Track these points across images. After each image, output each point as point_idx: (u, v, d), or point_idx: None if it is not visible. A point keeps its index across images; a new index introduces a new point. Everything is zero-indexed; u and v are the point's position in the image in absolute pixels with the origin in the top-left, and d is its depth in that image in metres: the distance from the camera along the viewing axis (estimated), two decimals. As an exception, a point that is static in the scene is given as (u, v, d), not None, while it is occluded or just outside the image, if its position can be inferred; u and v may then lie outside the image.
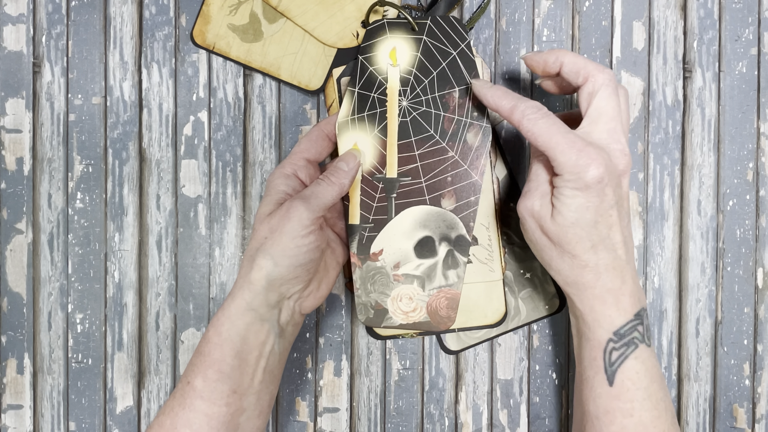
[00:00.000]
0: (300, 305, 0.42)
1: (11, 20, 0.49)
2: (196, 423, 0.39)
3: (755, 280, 0.48)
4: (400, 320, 0.44)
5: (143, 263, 0.49)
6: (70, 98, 0.49)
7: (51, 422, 0.49)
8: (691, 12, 0.48)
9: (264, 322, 0.40)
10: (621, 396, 0.38)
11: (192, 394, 0.40)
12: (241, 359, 0.40)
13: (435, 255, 0.43)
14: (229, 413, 0.39)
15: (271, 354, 0.41)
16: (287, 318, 0.41)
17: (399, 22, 0.43)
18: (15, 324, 0.49)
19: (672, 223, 0.48)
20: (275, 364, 0.42)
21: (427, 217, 0.43)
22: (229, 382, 0.39)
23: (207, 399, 0.39)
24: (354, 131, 0.43)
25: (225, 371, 0.39)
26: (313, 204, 0.40)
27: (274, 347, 0.41)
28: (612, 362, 0.38)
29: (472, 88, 0.42)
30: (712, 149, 0.48)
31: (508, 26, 0.48)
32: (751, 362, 0.48)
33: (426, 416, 0.49)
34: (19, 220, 0.49)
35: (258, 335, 0.40)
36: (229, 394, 0.39)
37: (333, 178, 0.41)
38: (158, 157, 0.49)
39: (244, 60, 0.48)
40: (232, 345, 0.40)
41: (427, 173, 0.43)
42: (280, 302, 0.41)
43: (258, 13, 0.47)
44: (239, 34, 0.47)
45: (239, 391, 0.40)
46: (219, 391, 0.39)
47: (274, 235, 0.40)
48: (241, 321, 0.40)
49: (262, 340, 0.40)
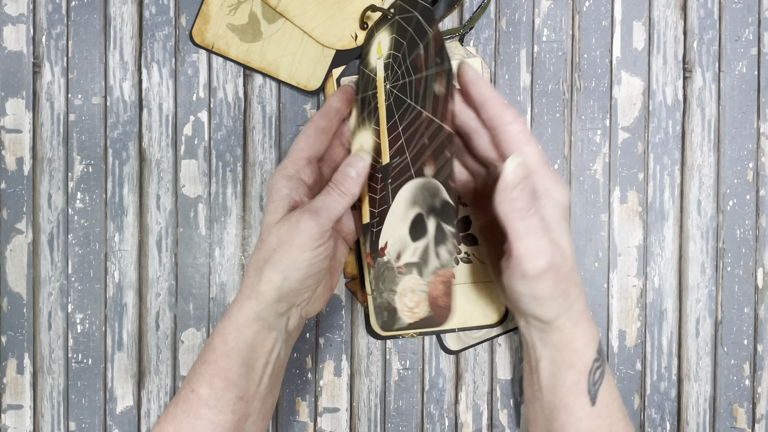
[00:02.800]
0: (306, 311, 0.42)
1: (11, 20, 0.49)
2: (201, 431, 0.39)
3: (755, 280, 0.48)
4: (407, 320, 0.43)
5: (143, 263, 0.49)
6: (70, 98, 0.49)
7: (51, 422, 0.49)
8: (691, 12, 0.48)
9: (272, 330, 0.40)
10: (601, 412, 0.40)
11: (197, 402, 0.39)
12: (249, 367, 0.39)
13: (426, 233, 0.42)
14: (235, 420, 0.39)
15: (277, 359, 0.41)
16: (294, 324, 0.41)
17: (384, 19, 0.43)
18: (15, 324, 0.49)
19: (672, 223, 0.48)
20: (280, 368, 0.42)
21: (414, 192, 0.41)
22: (236, 390, 0.39)
23: (213, 407, 0.39)
24: (360, 133, 0.43)
25: (232, 379, 0.39)
26: (324, 217, 0.39)
27: (280, 353, 0.41)
28: (595, 381, 0.39)
29: (461, 78, 0.40)
30: (712, 149, 0.48)
31: (508, 26, 0.48)
32: (751, 362, 0.48)
33: (426, 416, 0.49)
34: (19, 220, 0.49)
35: (265, 343, 0.40)
36: (236, 402, 0.39)
37: (342, 187, 0.40)
38: (158, 157, 0.49)
39: (243, 60, 0.48)
40: (239, 353, 0.39)
41: (409, 145, 0.41)
42: (289, 310, 0.40)
43: (257, 13, 0.47)
44: (238, 33, 0.47)
45: (245, 397, 0.39)
46: (225, 399, 0.39)
47: (284, 247, 0.38)
48: (249, 330, 0.39)
49: (270, 348, 0.40)
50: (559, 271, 0.37)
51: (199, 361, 0.40)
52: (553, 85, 0.48)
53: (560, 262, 0.37)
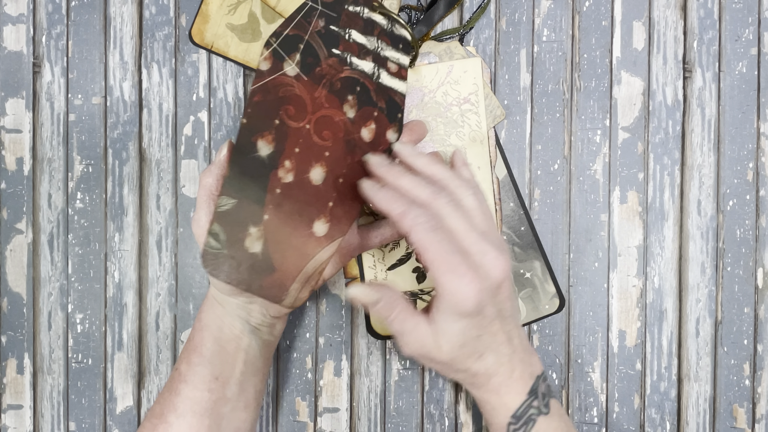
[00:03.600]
0: (267, 310, 0.41)
1: (11, 20, 0.49)
2: (181, 407, 0.40)
3: (755, 280, 0.48)
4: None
5: (143, 263, 0.49)
6: (70, 98, 0.49)
7: (51, 422, 0.49)
8: (691, 12, 0.48)
9: (234, 318, 0.41)
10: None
11: (178, 379, 0.40)
12: (220, 346, 0.40)
13: None
14: (211, 400, 0.40)
15: (250, 348, 0.41)
16: (258, 320, 0.41)
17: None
18: (15, 324, 0.49)
19: (672, 223, 0.48)
20: (256, 358, 0.42)
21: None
22: (210, 368, 0.40)
23: (190, 383, 0.40)
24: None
25: (206, 356, 0.40)
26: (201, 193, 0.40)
27: (251, 342, 0.41)
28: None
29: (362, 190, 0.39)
30: (712, 149, 0.48)
31: (508, 26, 0.48)
32: (751, 362, 0.48)
33: (426, 416, 0.49)
34: (19, 220, 0.49)
35: (232, 329, 0.41)
36: (211, 380, 0.40)
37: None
38: (158, 157, 0.49)
39: (242, 59, 0.48)
40: (210, 331, 0.41)
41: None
42: (246, 306, 0.41)
43: (257, 13, 0.47)
44: (238, 33, 0.47)
45: (221, 378, 0.40)
46: (201, 375, 0.40)
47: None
48: (214, 312, 0.41)
49: (237, 334, 0.41)
50: (489, 292, 0.37)
51: (186, 340, 0.42)
52: (553, 85, 0.48)
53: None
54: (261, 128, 0.39)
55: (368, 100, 0.42)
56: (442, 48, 0.47)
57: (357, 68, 0.42)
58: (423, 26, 0.47)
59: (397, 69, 0.43)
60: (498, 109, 0.48)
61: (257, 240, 0.38)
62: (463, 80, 0.47)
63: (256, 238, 0.38)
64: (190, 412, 0.39)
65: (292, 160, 0.39)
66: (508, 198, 0.48)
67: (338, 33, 0.41)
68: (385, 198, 0.37)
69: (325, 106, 0.40)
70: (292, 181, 0.39)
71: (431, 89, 0.47)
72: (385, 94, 0.42)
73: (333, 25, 0.41)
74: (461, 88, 0.47)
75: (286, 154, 0.39)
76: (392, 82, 0.43)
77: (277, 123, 0.39)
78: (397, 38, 0.43)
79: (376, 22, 0.42)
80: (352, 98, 0.41)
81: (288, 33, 0.40)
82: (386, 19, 0.43)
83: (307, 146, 0.40)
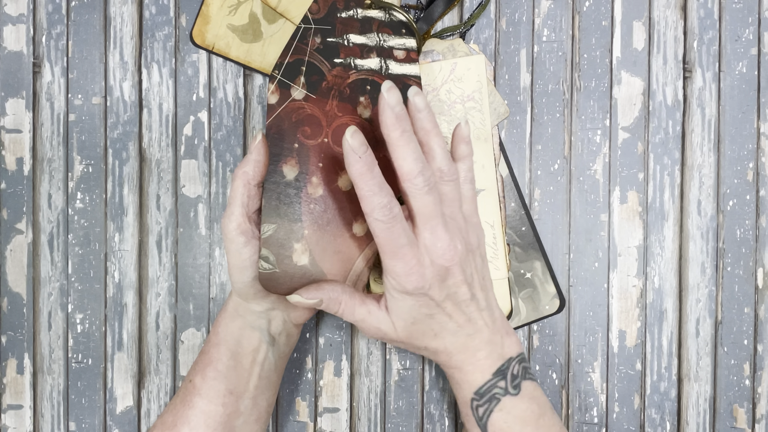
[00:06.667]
0: (290, 316, 0.42)
1: (11, 20, 0.49)
2: (194, 420, 0.40)
3: (755, 280, 0.48)
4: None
5: (143, 263, 0.49)
6: (70, 98, 0.49)
7: (51, 422, 0.49)
8: (691, 12, 0.48)
9: (254, 329, 0.41)
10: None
11: (192, 392, 0.40)
12: (237, 361, 0.40)
13: None
14: (225, 414, 0.40)
15: (266, 361, 0.41)
16: (279, 328, 0.42)
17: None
18: (15, 324, 0.49)
19: (672, 223, 0.48)
20: (271, 371, 0.42)
21: None
22: (225, 382, 0.40)
23: (204, 396, 0.40)
24: None
25: (221, 370, 0.40)
26: (229, 212, 0.40)
27: (267, 355, 0.41)
28: (480, 416, 0.40)
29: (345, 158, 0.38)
30: (712, 149, 0.48)
31: (508, 26, 0.48)
32: (751, 362, 0.48)
33: (426, 416, 0.49)
34: (19, 220, 0.49)
35: (250, 341, 0.41)
36: (225, 394, 0.40)
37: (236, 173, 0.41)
38: (158, 157, 0.49)
39: (244, 60, 0.48)
40: (227, 345, 0.41)
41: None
42: (268, 312, 0.41)
43: (257, 14, 0.47)
44: (239, 34, 0.47)
45: (235, 392, 0.40)
46: (216, 389, 0.40)
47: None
48: (234, 324, 0.41)
49: (255, 347, 0.41)
50: (434, 278, 0.38)
51: (199, 353, 0.42)
52: (553, 85, 0.48)
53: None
54: (283, 155, 0.40)
55: None
56: (445, 45, 0.47)
57: (363, 68, 0.42)
58: (423, 24, 0.47)
59: (405, 54, 0.43)
60: (502, 107, 0.47)
61: (303, 254, 0.40)
62: (467, 78, 0.47)
63: (301, 252, 0.40)
64: (204, 425, 0.40)
65: (318, 174, 0.41)
66: (510, 198, 0.48)
67: (336, 42, 0.42)
68: (359, 172, 0.36)
69: (339, 115, 0.42)
70: (323, 193, 0.41)
71: (435, 87, 0.47)
72: (399, 82, 0.43)
73: (329, 38, 0.42)
74: (465, 85, 0.47)
75: (311, 171, 0.41)
76: (403, 69, 0.43)
77: (296, 146, 0.41)
78: (398, 25, 0.43)
79: (372, 17, 0.43)
80: (365, 99, 0.42)
81: (288, 61, 0.42)
82: (382, 11, 0.43)
83: (330, 158, 0.41)
